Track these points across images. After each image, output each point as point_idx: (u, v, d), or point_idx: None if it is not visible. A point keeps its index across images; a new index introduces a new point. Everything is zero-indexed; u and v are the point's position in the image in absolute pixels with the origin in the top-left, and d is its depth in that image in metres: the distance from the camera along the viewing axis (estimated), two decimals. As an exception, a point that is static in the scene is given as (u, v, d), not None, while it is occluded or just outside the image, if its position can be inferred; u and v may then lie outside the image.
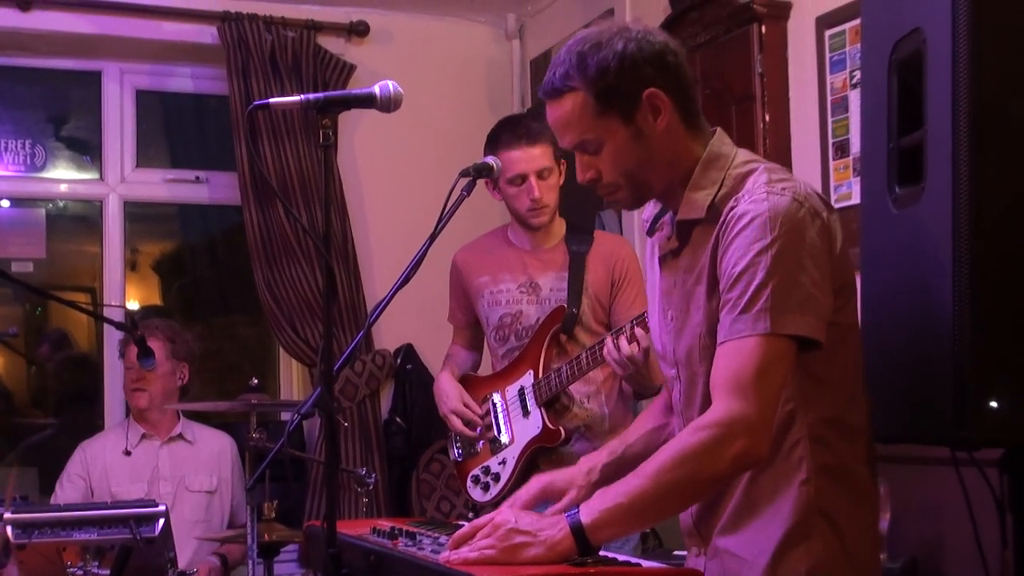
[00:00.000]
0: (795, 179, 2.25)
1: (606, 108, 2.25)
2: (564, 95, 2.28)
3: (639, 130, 2.26)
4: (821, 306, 2.14)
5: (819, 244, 2.16)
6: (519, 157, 3.79)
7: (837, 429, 2.24)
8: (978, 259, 2.04)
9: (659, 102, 2.25)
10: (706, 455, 2.09)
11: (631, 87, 2.24)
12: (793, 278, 2.11)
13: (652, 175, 2.30)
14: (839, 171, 3.96)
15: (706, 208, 2.25)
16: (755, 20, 4.24)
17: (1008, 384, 2.04)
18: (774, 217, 2.13)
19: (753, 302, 2.10)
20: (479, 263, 4.02)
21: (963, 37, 2.04)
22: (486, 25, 6.04)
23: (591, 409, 3.82)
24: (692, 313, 2.28)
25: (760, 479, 2.22)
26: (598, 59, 2.24)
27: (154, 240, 6.21)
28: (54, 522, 3.30)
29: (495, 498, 3.88)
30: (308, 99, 2.43)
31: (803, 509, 2.19)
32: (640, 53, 2.25)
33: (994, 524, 2.24)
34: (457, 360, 4.15)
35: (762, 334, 2.09)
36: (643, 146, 2.27)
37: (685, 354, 2.31)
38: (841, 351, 2.23)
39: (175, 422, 4.89)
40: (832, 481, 2.22)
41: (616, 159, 2.29)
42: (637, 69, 2.24)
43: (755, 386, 2.08)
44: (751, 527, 2.23)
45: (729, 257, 2.16)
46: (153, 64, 5.70)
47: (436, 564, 2.10)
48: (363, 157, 5.71)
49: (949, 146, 2.06)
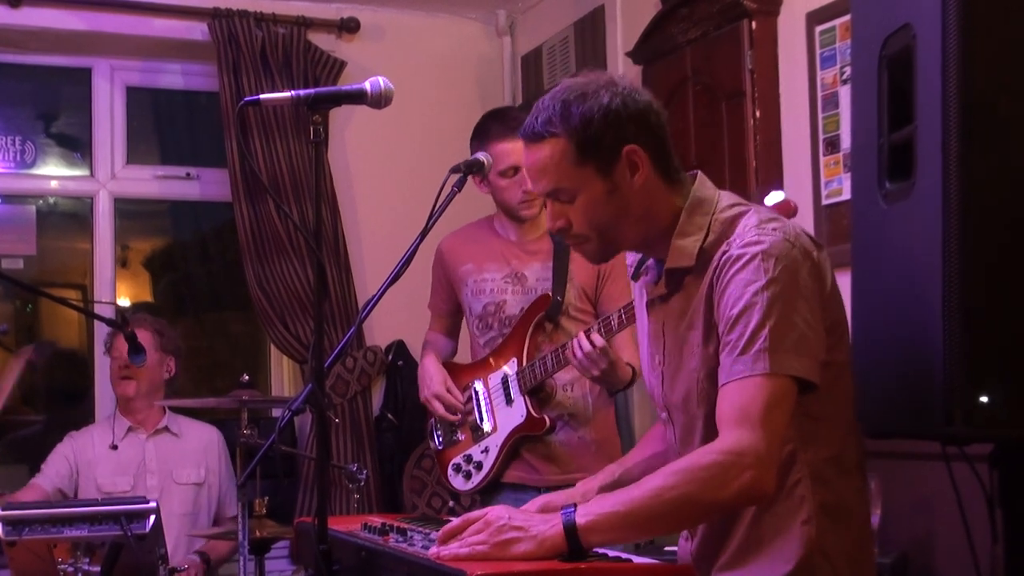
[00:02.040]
0: (784, 219, 2.26)
1: (585, 159, 2.25)
2: (544, 140, 2.27)
3: (615, 185, 2.26)
4: (815, 347, 2.16)
5: (811, 284, 2.18)
6: (512, 149, 3.77)
7: (836, 466, 2.25)
8: (968, 254, 2.04)
9: (638, 159, 2.26)
10: (712, 480, 2.08)
11: (612, 141, 2.25)
12: (789, 319, 2.13)
13: (623, 230, 2.30)
14: (830, 167, 3.96)
15: (695, 255, 2.26)
16: (745, 16, 4.25)
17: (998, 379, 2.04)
18: (768, 258, 2.15)
19: (751, 343, 2.11)
20: (464, 251, 4.01)
21: (953, 33, 2.04)
22: (477, 21, 6.04)
23: (575, 397, 3.83)
24: (686, 359, 2.28)
25: (763, 518, 2.22)
26: (583, 109, 2.24)
27: (145, 237, 6.19)
28: (44, 519, 3.29)
29: (477, 487, 3.88)
30: (299, 95, 2.43)
31: (805, 549, 2.19)
32: (624, 109, 2.26)
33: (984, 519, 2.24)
34: (436, 346, 4.14)
35: (762, 374, 2.10)
36: (617, 201, 2.27)
37: (682, 399, 2.30)
38: (836, 389, 2.24)
39: (161, 415, 4.90)
40: (832, 520, 2.23)
41: (588, 211, 2.28)
42: (620, 124, 2.25)
43: (763, 421, 2.09)
44: (754, 565, 2.23)
45: (726, 300, 2.17)
46: (143, 61, 5.69)
47: (426, 559, 2.11)
48: (354, 153, 5.71)
49: (939, 142, 2.06)
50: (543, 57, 5.74)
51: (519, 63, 5.99)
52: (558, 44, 5.60)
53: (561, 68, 5.56)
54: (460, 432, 3.96)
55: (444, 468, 4.00)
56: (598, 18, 5.23)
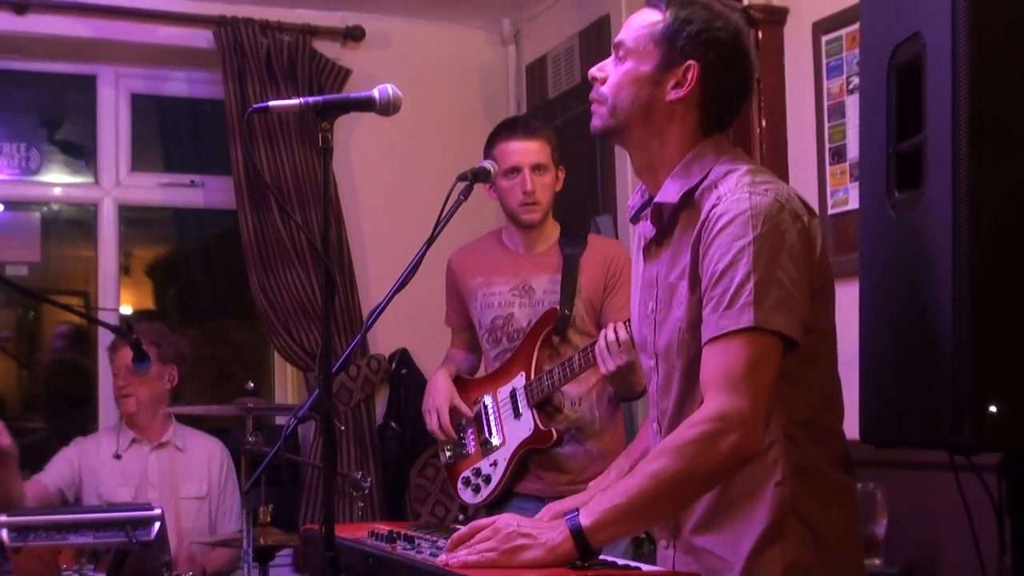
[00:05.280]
0: (778, 181, 2.28)
1: (660, 41, 2.30)
2: (654, 5, 2.35)
3: (660, 81, 2.30)
4: (799, 307, 2.17)
5: (799, 245, 2.19)
6: (515, 148, 3.82)
7: (808, 430, 2.26)
8: (977, 264, 2.04)
9: (690, 76, 2.29)
10: (701, 450, 2.09)
11: (688, 50, 2.29)
12: (774, 275, 2.14)
13: (634, 122, 2.34)
14: (836, 176, 3.96)
15: (680, 195, 2.28)
16: (752, 25, 4.24)
17: (1007, 389, 2.04)
18: (756, 215, 2.16)
19: (736, 298, 2.13)
20: (473, 265, 4.03)
21: (963, 42, 2.04)
22: (482, 30, 6.04)
23: (582, 410, 3.83)
24: (674, 307, 2.29)
25: (735, 480, 2.23)
26: (690, 12, 2.30)
27: (148, 244, 6.19)
28: (49, 525, 3.28)
29: (486, 500, 3.89)
30: (307, 102, 2.42)
31: (778, 510, 2.21)
32: (719, 43, 2.30)
33: (992, 530, 2.24)
34: (455, 361, 4.16)
35: (747, 327, 2.11)
36: (649, 93, 2.31)
37: (664, 347, 2.32)
38: (817, 355, 2.26)
39: (166, 427, 4.88)
40: (806, 482, 2.24)
41: (624, 78, 2.33)
42: (707, 45, 2.29)
43: (746, 381, 2.10)
44: (728, 527, 2.25)
45: (711, 255, 2.18)
46: (148, 68, 5.69)
47: (435, 567, 2.10)
48: (358, 162, 5.70)
49: (949, 151, 2.06)
50: (548, 66, 5.73)
51: (524, 72, 5.99)
52: (563, 53, 5.60)
53: (566, 77, 5.56)
54: (470, 445, 3.96)
55: (454, 482, 4.01)
56: (603, 27, 5.23)
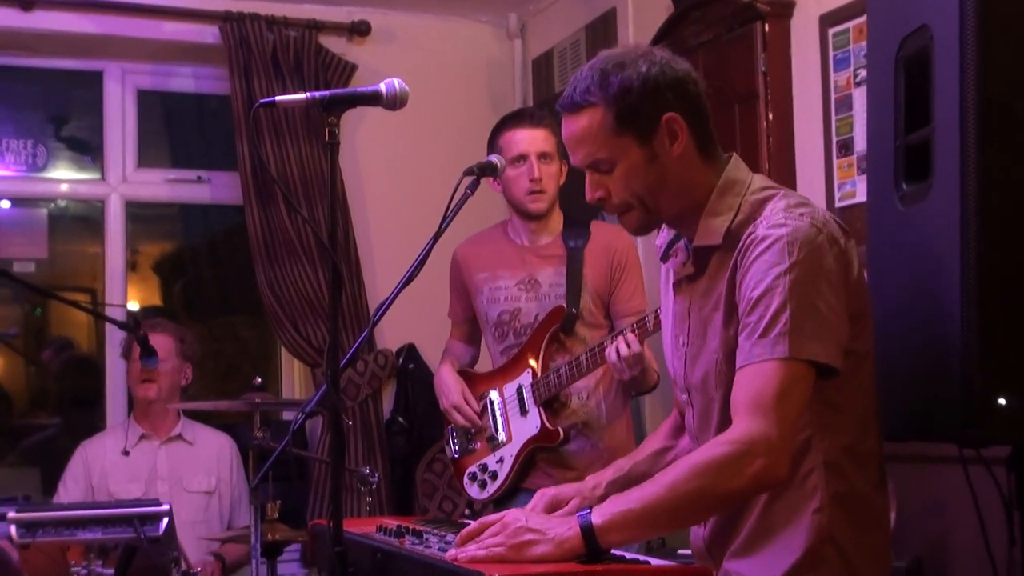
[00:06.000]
0: (813, 205, 2.24)
1: (624, 128, 2.25)
2: (583, 110, 2.28)
3: (654, 154, 2.26)
4: (837, 333, 2.14)
5: (836, 271, 2.15)
6: (521, 137, 3.82)
7: (851, 456, 2.23)
8: (986, 256, 2.04)
9: (677, 127, 2.25)
10: (724, 470, 2.08)
11: (651, 109, 2.24)
12: (811, 304, 2.11)
13: (662, 200, 2.29)
14: (843, 169, 3.95)
15: (723, 234, 2.25)
16: (758, 18, 4.24)
17: (1016, 381, 2.04)
18: (792, 242, 2.12)
19: (771, 327, 2.10)
20: (478, 258, 4.02)
21: (971, 34, 2.04)
22: (488, 25, 6.03)
23: (589, 406, 3.83)
24: (709, 339, 2.27)
25: (774, 506, 2.21)
26: (621, 78, 2.24)
27: (155, 240, 6.20)
28: (58, 521, 3.28)
29: (492, 496, 3.89)
30: (314, 97, 2.41)
31: (815, 537, 2.19)
32: (663, 77, 2.25)
33: (1001, 522, 2.24)
34: (455, 354, 4.15)
35: (780, 358, 2.09)
36: (656, 170, 2.27)
37: (700, 380, 2.30)
38: (856, 378, 2.23)
39: (176, 422, 4.89)
40: (844, 510, 2.21)
41: (627, 180, 2.28)
42: (659, 92, 2.25)
43: (776, 407, 2.08)
44: (763, 553, 2.23)
45: (748, 281, 2.16)
46: (155, 64, 5.69)
47: (443, 562, 2.10)
48: (364, 157, 5.70)
49: (957, 143, 2.06)
50: (554, 60, 5.73)
51: (530, 66, 5.98)
52: (569, 47, 5.60)
53: (572, 71, 5.51)
54: (476, 441, 3.96)
55: (460, 476, 4.00)
56: (609, 21, 5.22)
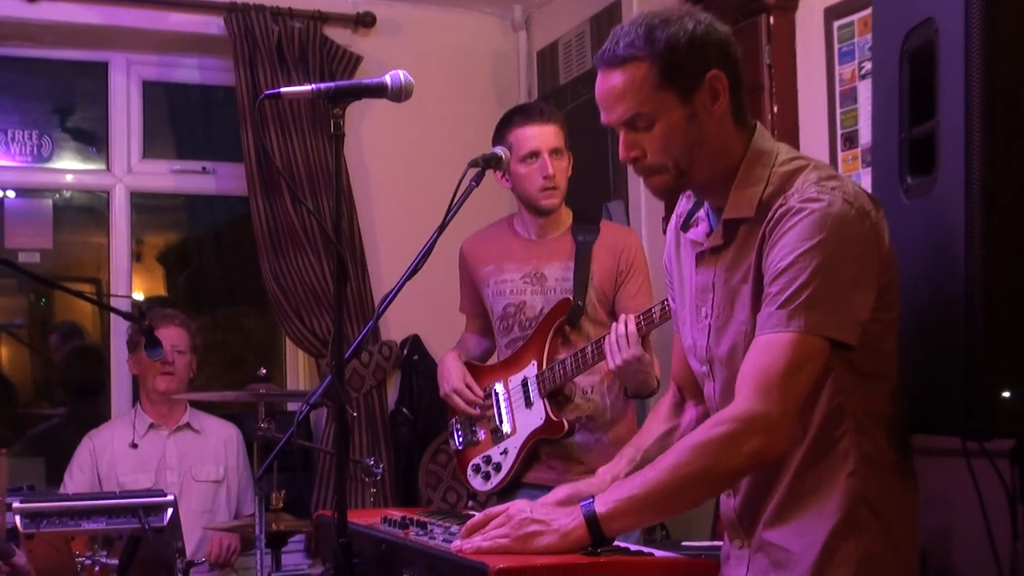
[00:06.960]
0: (843, 177, 2.23)
1: (668, 83, 2.22)
2: (626, 64, 2.23)
3: (695, 112, 2.23)
4: (858, 309, 2.13)
5: (865, 245, 2.14)
6: (533, 134, 3.79)
7: (880, 421, 2.23)
8: (991, 249, 2.04)
9: (719, 86, 2.24)
10: (722, 450, 2.09)
11: (696, 67, 2.22)
12: (835, 280, 2.10)
13: (697, 162, 2.26)
14: (848, 162, 3.96)
15: (755, 206, 2.23)
16: (763, 11, 4.24)
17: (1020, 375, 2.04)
18: (824, 216, 2.11)
19: (792, 299, 2.10)
20: (485, 252, 4.01)
21: (976, 27, 2.04)
22: (493, 16, 6.03)
23: (594, 400, 3.82)
24: (737, 311, 2.26)
25: (807, 472, 2.21)
26: (668, 34, 2.21)
27: (160, 231, 6.20)
28: (63, 512, 3.29)
29: (496, 488, 3.88)
30: (319, 88, 2.42)
31: (850, 501, 2.19)
32: (708, 36, 2.24)
33: (1005, 516, 2.24)
34: (467, 346, 4.15)
35: (795, 332, 2.09)
36: (695, 129, 2.24)
37: (728, 352, 2.28)
38: (884, 346, 2.22)
39: (183, 411, 4.91)
40: (876, 472, 2.21)
41: (667, 138, 2.24)
42: (704, 50, 2.23)
43: (781, 384, 2.08)
44: (799, 520, 2.22)
45: (776, 253, 2.15)
46: (160, 55, 5.69)
47: (448, 553, 2.10)
48: (369, 149, 5.70)
49: (962, 136, 2.06)
50: (559, 52, 5.73)
51: (535, 58, 5.98)
52: (574, 39, 5.59)
53: (577, 63, 5.55)
54: (480, 432, 3.95)
55: (464, 468, 4.00)
56: (615, 13, 5.22)
